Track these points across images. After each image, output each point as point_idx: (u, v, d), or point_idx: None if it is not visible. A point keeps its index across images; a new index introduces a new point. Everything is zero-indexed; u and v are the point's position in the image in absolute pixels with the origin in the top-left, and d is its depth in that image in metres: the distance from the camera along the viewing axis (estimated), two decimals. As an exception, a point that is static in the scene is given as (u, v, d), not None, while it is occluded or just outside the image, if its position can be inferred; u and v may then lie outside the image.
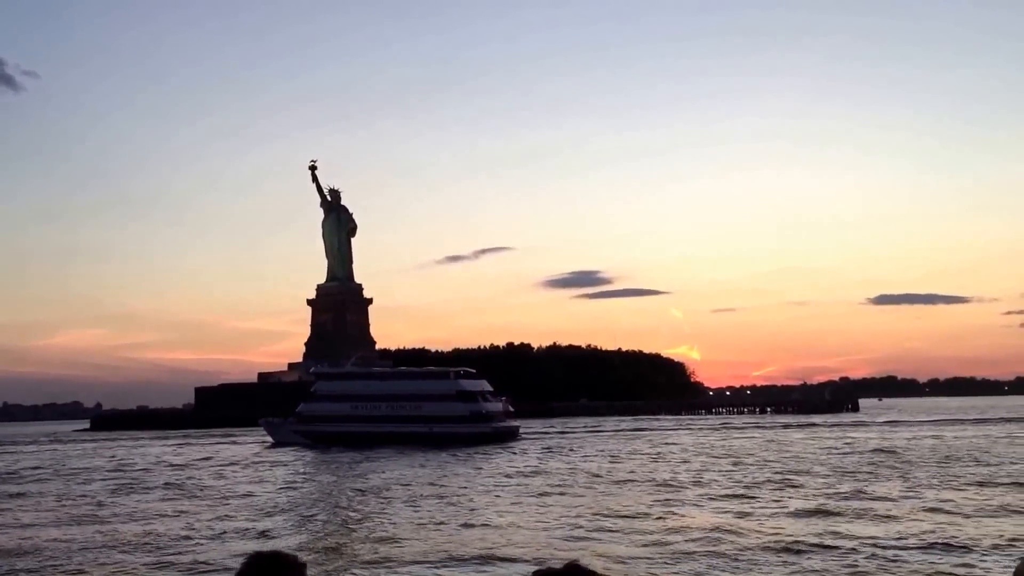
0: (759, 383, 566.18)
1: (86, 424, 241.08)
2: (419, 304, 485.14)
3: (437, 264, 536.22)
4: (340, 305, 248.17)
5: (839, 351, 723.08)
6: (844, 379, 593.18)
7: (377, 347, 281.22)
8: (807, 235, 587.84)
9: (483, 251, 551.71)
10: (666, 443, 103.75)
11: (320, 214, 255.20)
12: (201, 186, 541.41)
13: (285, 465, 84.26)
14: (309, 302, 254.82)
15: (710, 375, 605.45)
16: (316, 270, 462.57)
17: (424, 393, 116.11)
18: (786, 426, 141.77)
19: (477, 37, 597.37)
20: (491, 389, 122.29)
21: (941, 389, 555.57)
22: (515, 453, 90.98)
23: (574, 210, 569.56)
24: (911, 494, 48.79)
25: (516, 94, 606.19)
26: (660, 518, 41.94)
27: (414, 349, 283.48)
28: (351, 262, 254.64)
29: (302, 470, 78.64)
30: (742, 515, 42.35)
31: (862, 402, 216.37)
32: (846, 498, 47.46)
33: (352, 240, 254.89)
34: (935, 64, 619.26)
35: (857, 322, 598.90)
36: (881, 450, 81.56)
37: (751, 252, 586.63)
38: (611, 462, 75.22)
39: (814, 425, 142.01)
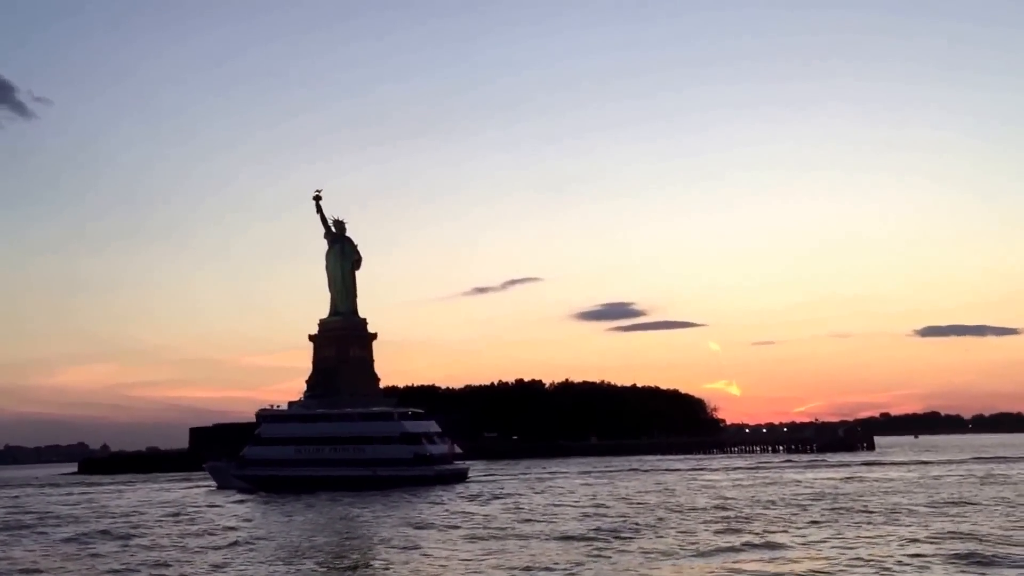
0: (800, 420, 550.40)
1: (71, 468, 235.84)
2: (445, 338, 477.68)
3: (464, 296, 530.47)
4: (342, 340, 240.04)
5: (885, 386, 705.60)
6: (885, 415, 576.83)
7: (388, 384, 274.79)
8: (849, 263, 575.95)
9: (511, 282, 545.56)
10: (626, 485, 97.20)
11: (324, 246, 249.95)
12: (208, 218, 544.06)
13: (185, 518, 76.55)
14: (311, 337, 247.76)
15: (751, 411, 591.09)
16: (323, 304, 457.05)
17: (367, 435, 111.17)
18: (775, 466, 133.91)
19: (506, 66, 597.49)
20: (438, 430, 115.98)
21: (986, 425, 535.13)
22: (436, 502, 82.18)
23: (604, 240, 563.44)
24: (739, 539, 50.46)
25: (547, 122, 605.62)
26: None
27: (423, 386, 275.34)
28: (355, 295, 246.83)
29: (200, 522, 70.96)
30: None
31: (899, 439, 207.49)
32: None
33: (356, 273, 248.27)
34: (985, 86, 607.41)
35: (903, 355, 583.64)
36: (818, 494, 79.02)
37: (790, 281, 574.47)
38: (518, 510, 69.06)
39: (815, 465, 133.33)
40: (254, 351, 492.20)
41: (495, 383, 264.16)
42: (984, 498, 72.04)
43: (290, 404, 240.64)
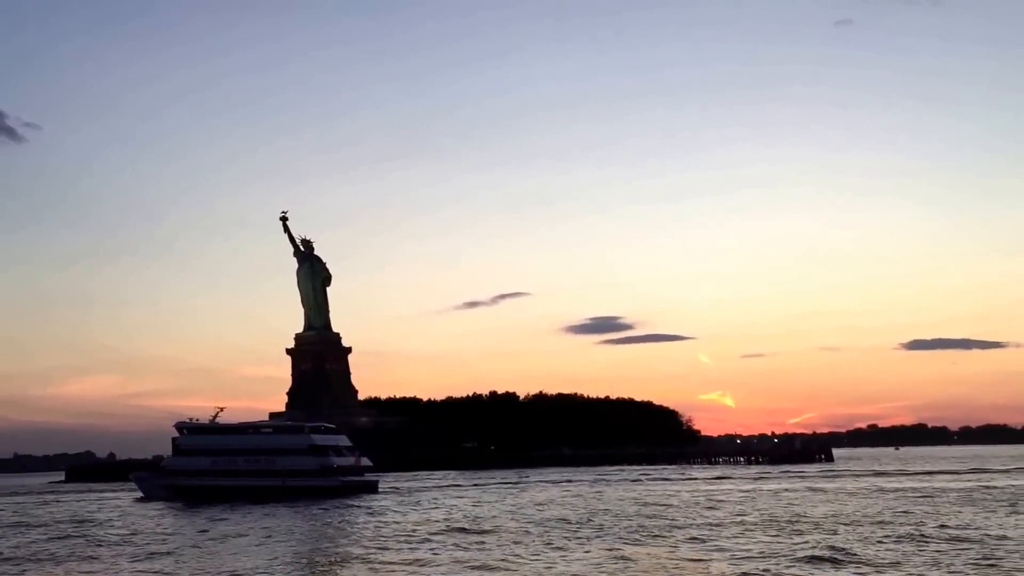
0: (798, 431, 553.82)
1: (61, 476, 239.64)
2: (436, 351, 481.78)
3: (455, 310, 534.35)
4: (318, 354, 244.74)
5: (875, 398, 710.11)
6: (872, 426, 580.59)
7: (373, 395, 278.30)
8: (836, 278, 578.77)
9: (501, 296, 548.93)
10: (546, 495, 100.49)
11: (294, 264, 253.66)
12: (205, 235, 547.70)
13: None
14: (288, 351, 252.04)
15: (745, 423, 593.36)
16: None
17: (277, 447, 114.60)
18: (718, 478, 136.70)
19: (496, 86, 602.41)
20: (348, 444, 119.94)
21: (972, 437, 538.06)
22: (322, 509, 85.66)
23: (594, 255, 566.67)
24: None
25: (537, 140, 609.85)
26: None
27: (404, 398, 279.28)
28: (327, 311, 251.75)
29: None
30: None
31: (882, 451, 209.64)
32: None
33: (328, 289, 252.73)
34: (968, 104, 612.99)
35: (892, 368, 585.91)
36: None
37: (778, 296, 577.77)
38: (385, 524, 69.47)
39: (743, 477, 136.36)
40: (253, 362, 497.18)
41: (470, 395, 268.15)
42: (794, 516, 67.16)
43: (271, 415, 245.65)
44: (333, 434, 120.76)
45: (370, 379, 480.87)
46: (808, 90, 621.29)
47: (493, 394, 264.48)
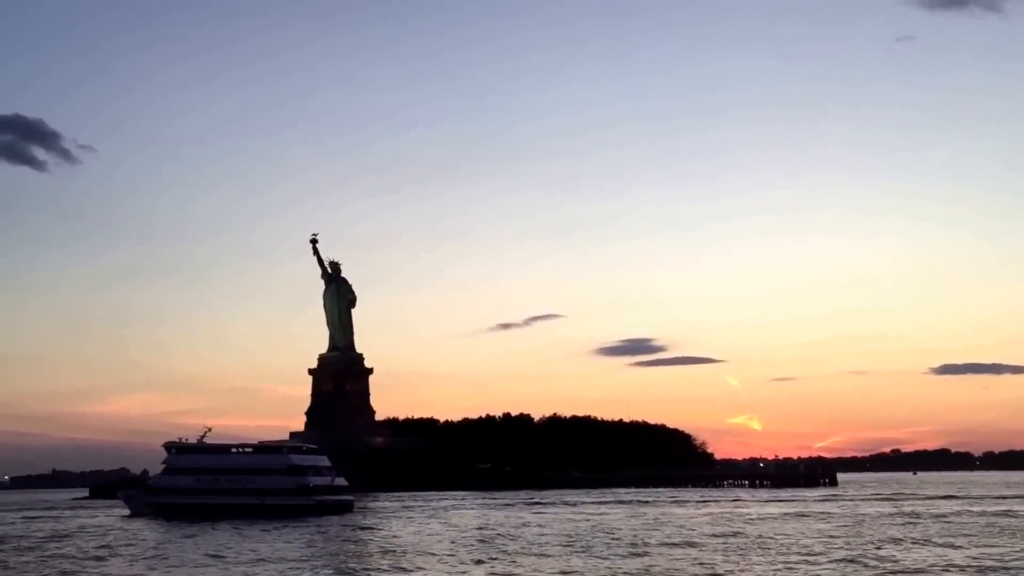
0: (825, 455, 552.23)
1: (87, 492, 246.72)
2: (469, 372, 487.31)
3: (489, 332, 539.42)
4: (339, 374, 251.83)
5: (903, 422, 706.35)
6: (896, 451, 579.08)
7: (392, 416, 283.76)
8: (866, 301, 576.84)
9: (533, 318, 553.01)
10: (520, 518, 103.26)
11: (321, 285, 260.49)
12: (250, 254, 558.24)
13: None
14: (311, 371, 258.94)
15: (771, 446, 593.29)
16: (359, 336, 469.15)
17: (256, 467, 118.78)
18: (701, 501, 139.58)
19: (532, 109, 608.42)
20: (327, 464, 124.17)
21: (995, 463, 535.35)
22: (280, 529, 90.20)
23: (626, 277, 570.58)
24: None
25: (571, 164, 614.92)
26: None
27: (423, 419, 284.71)
28: (351, 332, 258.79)
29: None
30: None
31: (900, 475, 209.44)
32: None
33: (352, 311, 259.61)
34: (1001, 128, 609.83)
35: (921, 393, 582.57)
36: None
37: (808, 319, 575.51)
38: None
39: (728, 501, 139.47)
40: (287, 381, 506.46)
41: (483, 416, 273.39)
42: (724, 539, 69.78)
43: (291, 435, 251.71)
44: (314, 454, 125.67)
45: (403, 400, 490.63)
46: (847, 110, 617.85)
47: (507, 416, 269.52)
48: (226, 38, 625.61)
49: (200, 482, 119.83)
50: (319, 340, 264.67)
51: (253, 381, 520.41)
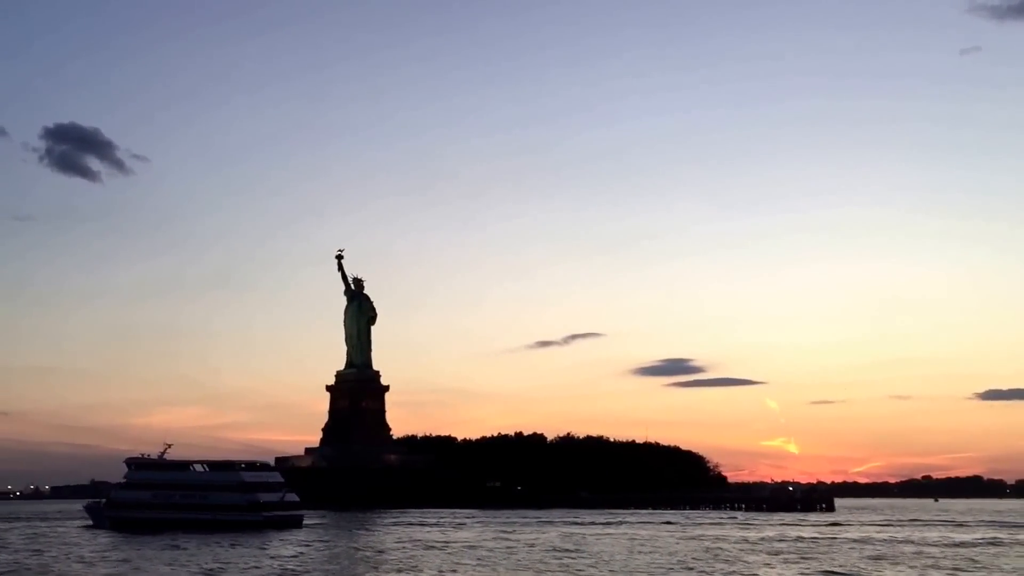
0: (861, 480, 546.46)
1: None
2: (507, 391, 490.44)
3: (527, 349, 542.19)
4: (355, 392, 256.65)
5: (944, 448, 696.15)
6: (927, 477, 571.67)
7: (410, 434, 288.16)
8: (909, 325, 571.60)
9: (573, 336, 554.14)
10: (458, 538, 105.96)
11: (344, 302, 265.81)
12: (298, 268, 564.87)
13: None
14: (328, 388, 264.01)
15: (808, 470, 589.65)
16: (393, 352, 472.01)
17: (210, 484, 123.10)
18: (665, 523, 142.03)
19: (573, 126, 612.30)
20: (280, 481, 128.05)
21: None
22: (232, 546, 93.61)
23: (666, 297, 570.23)
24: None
25: (612, 183, 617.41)
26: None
27: (440, 436, 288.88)
28: (369, 350, 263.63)
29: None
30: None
31: (920, 502, 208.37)
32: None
33: (372, 328, 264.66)
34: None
35: (963, 419, 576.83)
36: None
37: (850, 342, 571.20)
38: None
39: (692, 524, 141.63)
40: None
41: (496, 435, 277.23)
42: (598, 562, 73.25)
43: (306, 450, 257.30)
44: (267, 471, 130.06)
45: (440, 417, 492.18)
46: (904, 127, 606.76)
47: (519, 435, 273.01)
48: (278, 47, 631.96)
49: (157, 497, 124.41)
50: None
51: (297, 396, 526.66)
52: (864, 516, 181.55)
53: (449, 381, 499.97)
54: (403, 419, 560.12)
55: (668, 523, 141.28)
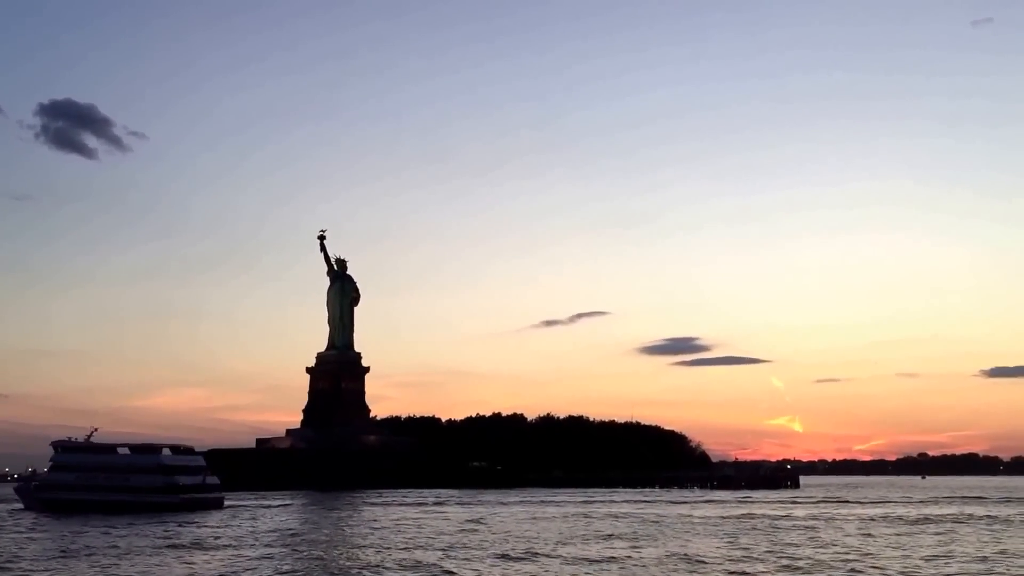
0: (862, 458, 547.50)
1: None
2: (511, 371, 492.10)
3: (533, 328, 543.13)
4: (335, 374, 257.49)
5: (948, 426, 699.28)
6: (922, 455, 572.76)
7: (394, 415, 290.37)
8: (915, 303, 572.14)
9: (579, 315, 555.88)
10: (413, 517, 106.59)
11: (327, 283, 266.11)
12: (294, 249, 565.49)
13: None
14: (308, 369, 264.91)
15: (812, 448, 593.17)
16: (394, 333, 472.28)
17: (132, 466, 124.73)
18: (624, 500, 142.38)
19: (577, 104, 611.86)
20: (201, 464, 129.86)
21: (1022, 468, 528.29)
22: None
23: (671, 276, 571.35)
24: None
25: (616, 160, 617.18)
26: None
27: (424, 417, 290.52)
28: (351, 331, 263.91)
29: None
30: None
31: (907, 479, 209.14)
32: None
33: (355, 309, 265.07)
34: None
35: (969, 396, 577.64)
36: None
37: (855, 320, 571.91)
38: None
39: (644, 501, 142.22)
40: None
41: (475, 415, 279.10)
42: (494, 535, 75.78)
43: (287, 432, 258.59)
44: (189, 455, 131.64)
45: (445, 398, 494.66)
46: (913, 101, 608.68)
47: (496, 415, 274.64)
48: (278, 21, 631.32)
49: (82, 479, 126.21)
50: (367, 338, 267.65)
51: (296, 378, 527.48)
52: (821, 493, 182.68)
53: (449, 362, 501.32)
54: (404, 400, 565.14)
55: (602, 501, 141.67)
